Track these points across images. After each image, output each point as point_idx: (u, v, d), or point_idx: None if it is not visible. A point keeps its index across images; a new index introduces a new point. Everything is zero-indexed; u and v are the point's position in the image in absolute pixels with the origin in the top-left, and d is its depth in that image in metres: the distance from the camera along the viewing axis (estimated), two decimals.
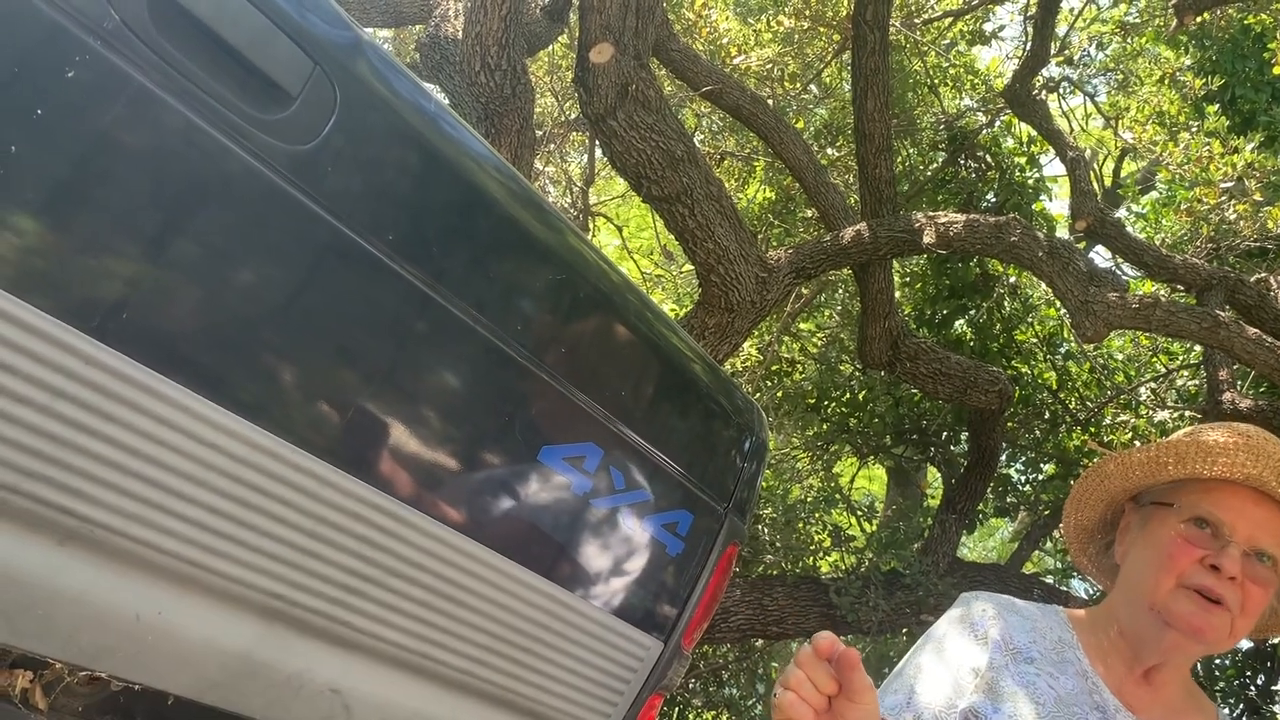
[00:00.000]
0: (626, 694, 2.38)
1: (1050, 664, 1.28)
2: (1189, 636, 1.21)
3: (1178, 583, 1.21)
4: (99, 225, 1.45)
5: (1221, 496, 1.23)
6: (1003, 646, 1.30)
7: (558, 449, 2.14)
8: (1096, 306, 4.28)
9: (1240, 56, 7.53)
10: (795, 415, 7.52)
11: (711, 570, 2.51)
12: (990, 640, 1.31)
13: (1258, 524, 1.21)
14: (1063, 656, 1.30)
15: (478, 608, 2.02)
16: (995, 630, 1.32)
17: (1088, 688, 1.26)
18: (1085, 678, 1.28)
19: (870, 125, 5.09)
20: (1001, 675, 1.26)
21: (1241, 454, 1.22)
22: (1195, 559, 1.21)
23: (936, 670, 1.31)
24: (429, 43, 5.02)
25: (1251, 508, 1.22)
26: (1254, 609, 1.20)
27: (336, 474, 1.75)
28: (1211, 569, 1.19)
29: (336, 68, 1.69)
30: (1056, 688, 1.25)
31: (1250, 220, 5.49)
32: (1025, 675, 1.26)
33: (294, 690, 1.78)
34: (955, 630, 1.35)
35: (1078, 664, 1.29)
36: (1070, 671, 1.28)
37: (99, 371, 1.45)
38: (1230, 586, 1.18)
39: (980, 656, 1.29)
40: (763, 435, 2.71)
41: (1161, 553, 1.24)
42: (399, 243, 1.78)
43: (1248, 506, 1.22)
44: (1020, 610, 1.36)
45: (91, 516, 1.48)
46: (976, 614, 1.35)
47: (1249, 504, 1.22)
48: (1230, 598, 1.18)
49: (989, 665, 1.28)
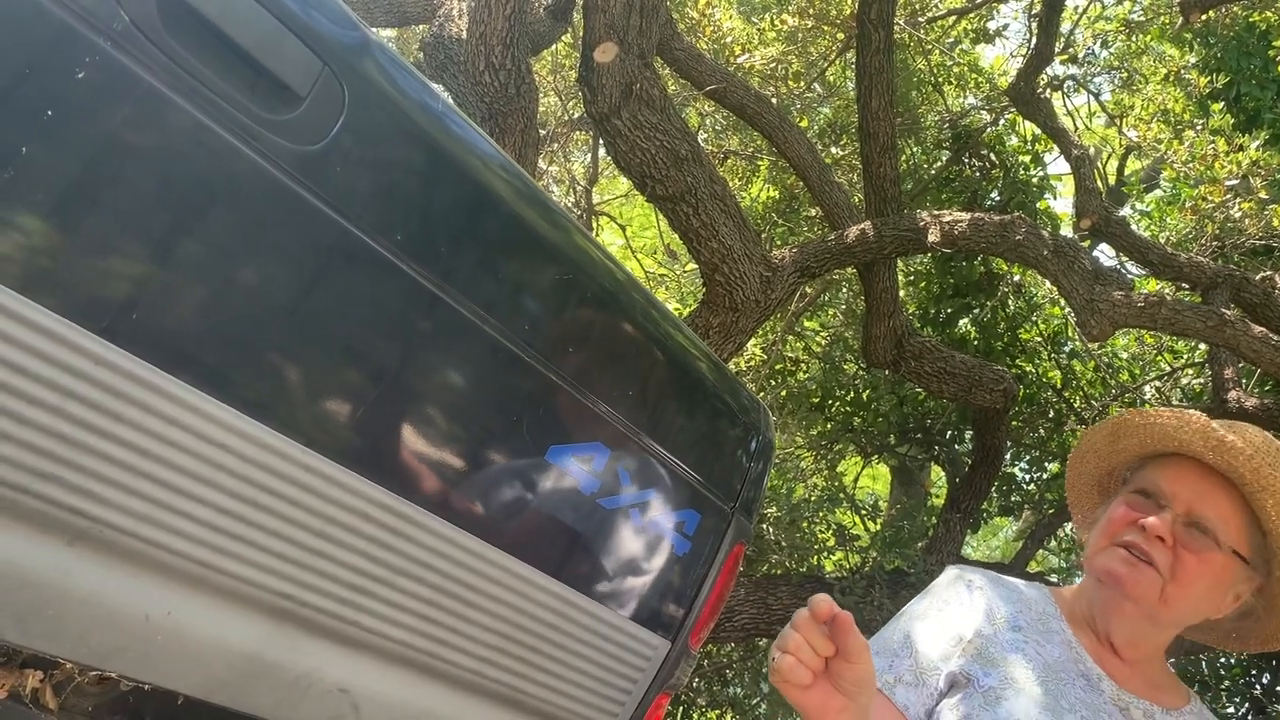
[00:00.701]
0: (634, 693, 2.38)
1: (1036, 633, 1.31)
2: (1113, 590, 1.26)
3: (1110, 542, 1.27)
4: (109, 226, 1.45)
5: (1167, 469, 1.29)
6: (990, 614, 1.33)
7: (566, 448, 2.14)
8: (1102, 305, 4.27)
9: (1245, 54, 7.52)
10: (799, 414, 7.51)
11: (718, 570, 2.51)
12: (977, 608, 1.34)
13: (1199, 495, 1.25)
14: (1048, 627, 1.33)
15: (486, 607, 2.02)
16: (982, 599, 1.35)
17: (1072, 656, 1.30)
18: (1070, 647, 1.31)
19: (874, 124, 5.08)
20: (990, 642, 1.29)
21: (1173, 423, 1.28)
22: (1129, 521, 1.26)
23: (922, 634, 1.33)
24: (433, 42, 5.02)
25: (1195, 480, 1.26)
26: (1187, 577, 1.22)
27: (345, 474, 1.75)
28: (1140, 528, 1.24)
29: (345, 68, 1.69)
30: (1044, 654, 1.28)
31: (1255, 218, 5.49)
32: (1014, 642, 1.29)
33: (303, 690, 1.79)
34: (942, 598, 1.38)
35: (1062, 634, 1.33)
36: (1056, 641, 1.31)
37: (108, 372, 1.45)
38: (1159, 547, 1.22)
39: (967, 623, 1.32)
40: (769, 434, 2.71)
41: (1104, 520, 1.31)
42: (407, 242, 1.78)
43: (1191, 479, 1.26)
44: (1006, 582, 1.40)
45: (101, 517, 1.48)
46: (964, 583, 1.39)
47: (1192, 476, 1.26)
48: (1160, 559, 1.22)
49: (977, 632, 1.30)
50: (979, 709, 1.21)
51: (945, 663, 1.28)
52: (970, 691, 1.24)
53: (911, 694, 1.27)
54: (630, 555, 2.32)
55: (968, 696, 1.24)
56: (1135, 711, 1.26)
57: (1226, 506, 1.24)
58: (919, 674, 1.28)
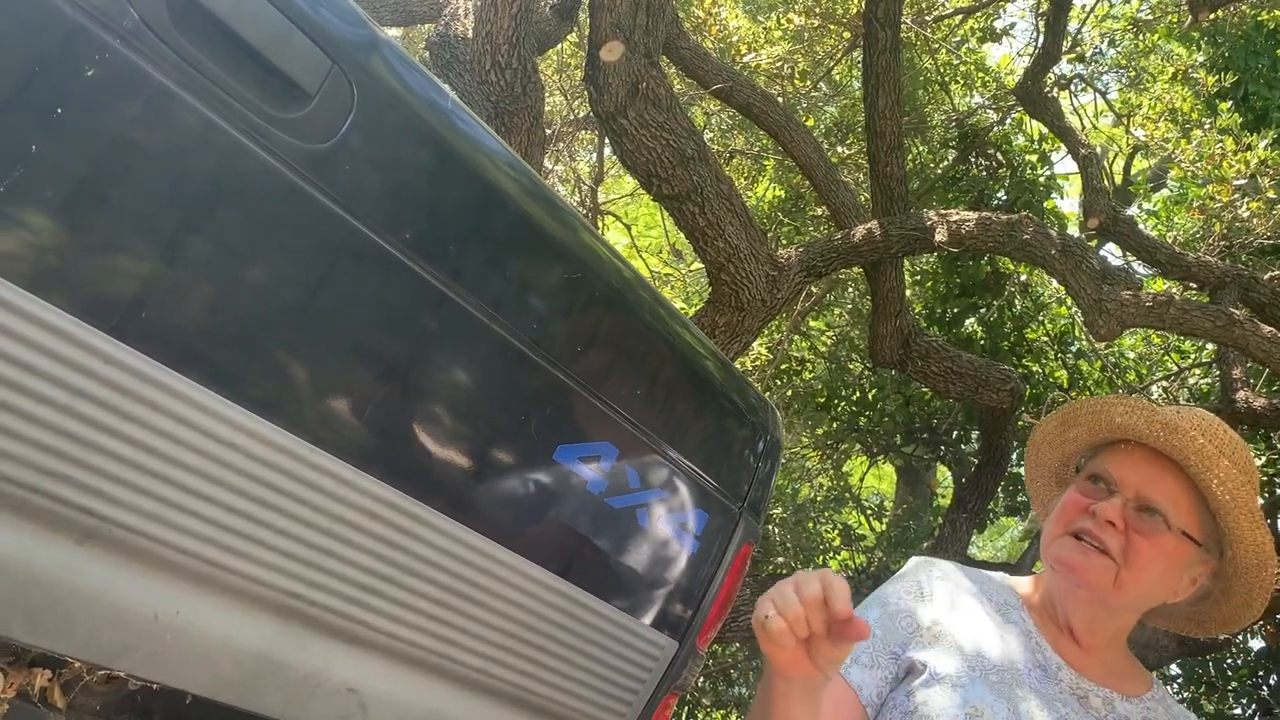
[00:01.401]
0: (641, 694, 2.37)
1: (995, 624, 1.32)
2: (1067, 578, 1.27)
3: (1063, 530, 1.28)
4: (118, 224, 1.44)
5: (1115, 455, 1.30)
6: (950, 604, 1.34)
7: (573, 448, 2.13)
8: (1110, 305, 4.26)
9: (1253, 53, 7.50)
10: (805, 414, 7.51)
11: (726, 570, 2.50)
12: (938, 596, 1.35)
13: (1147, 479, 1.25)
14: (1007, 618, 1.34)
15: (493, 606, 2.02)
16: (944, 587, 1.36)
17: (1031, 646, 1.31)
18: (1029, 637, 1.32)
19: (881, 123, 5.07)
20: (949, 631, 1.30)
21: (1120, 407, 1.29)
22: (1081, 508, 1.27)
23: (882, 619, 1.34)
24: (439, 41, 5.01)
25: (1143, 465, 1.27)
26: (1140, 561, 1.23)
27: (353, 472, 1.74)
28: (1091, 514, 1.24)
29: (354, 66, 1.69)
30: (1001, 645, 1.29)
31: (1263, 217, 5.47)
32: (973, 631, 1.30)
33: (311, 689, 1.78)
34: (905, 586, 1.39)
35: (1021, 624, 1.34)
36: (1014, 632, 1.32)
37: (118, 370, 1.45)
38: (1111, 533, 1.23)
39: (927, 611, 1.33)
40: (777, 434, 2.70)
41: (1057, 509, 1.32)
42: (416, 241, 1.78)
43: (1139, 463, 1.27)
44: (968, 573, 1.41)
45: (110, 516, 1.48)
46: (924, 574, 1.40)
47: (1140, 461, 1.27)
48: (1112, 545, 1.23)
49: (936, 620, 1.31)
50: (934, 696, 1.23)
51: (902, 649, 1.30)
52: (927, 679, 1.25)
53: (866, 675, 1.29)
54: (638, 555, 2.31)
55: (925, 684, 1.25)
56: (1094, 699, 1.27)
57: (1175, 488, 1.25)
58: (874, 656, 1.30)
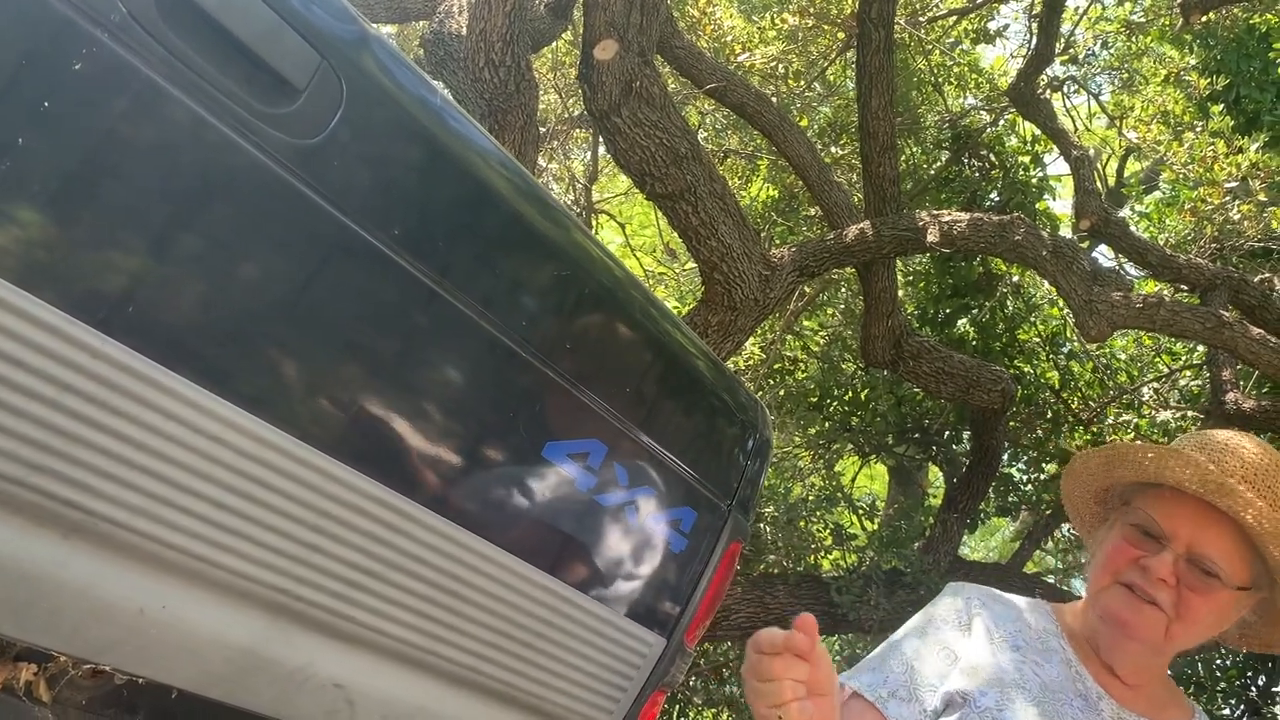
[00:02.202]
0: (629, 690, 2.38)
1: (1035, 652, 1.30)
2: (1117, 631, 1.25)
3: (1113, 580, 1.26)
4: (106, 219, 1.45)
5: (1168, 504, 1.24)
6: (988, 633, 1.32)
7: (562, 444, 2.14)
8: (1100, 306, 4.28)
9: (1245, 56, 7.52)
10: (797, 414, 7.51)
11: (715, 568, 2.51)
12: (975, 627, 1.33)
13: (1198, 531, 1.21)
14: (1047, 645, 1.32)
15: (481, 603, 2.02)
16: (980, 618, 1.34)
17: (1071, 675, 1.29)
18: (1069, 665, 1.30)
19: (874, 123, 5.08)
20: (988, 662, 1.28)
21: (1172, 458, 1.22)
22: (1131, 559, 1.24)
23: (920, 651, 1.33)
24: (433, 39, 5.01)
25: (1194, 516, 1.22)
26: (1193, 616, 1.20)
27: (341, 469, 1.75)
28: (1142, 569, 1.22)
29: (343, 62, 1.69)
30: (1041, 675, 1.27)
31: (1254, 220, 5.49)
32: (1012, 661, 1.28)
33: (298, 685, 1.78)
34: (941, 615, 1.37)
35: (1062, 653, 1.32)
36: (1055, 660, 1.30)
37: (105, 365, 1.45)
38: (1162, 589, 1.20)
39: (964, 642, 1.32)
40: (766, 433, 2.71)
41: (1105, 553, 1.29)
42: (405, 237, 1.78)
43: (1192, 515, 1.22)
44: (1006, 600, 1.39)
45: (97, 510, 1.48)
46: (962, 601, 1.38)
47: (1194, 513, 1.22)
48: (1163, 600, 1.20)
49: (974, 651, 1.30)
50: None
51: (941, 681, 1.27)
52: (967, 712, 1.23)
53: (904, 709, 1.26)
54: (626, 552, 2.32)
55: (964, 717, 1.22)
56: None
57: (1229, 544, 1.20)
58: (913, 690, 1.27)
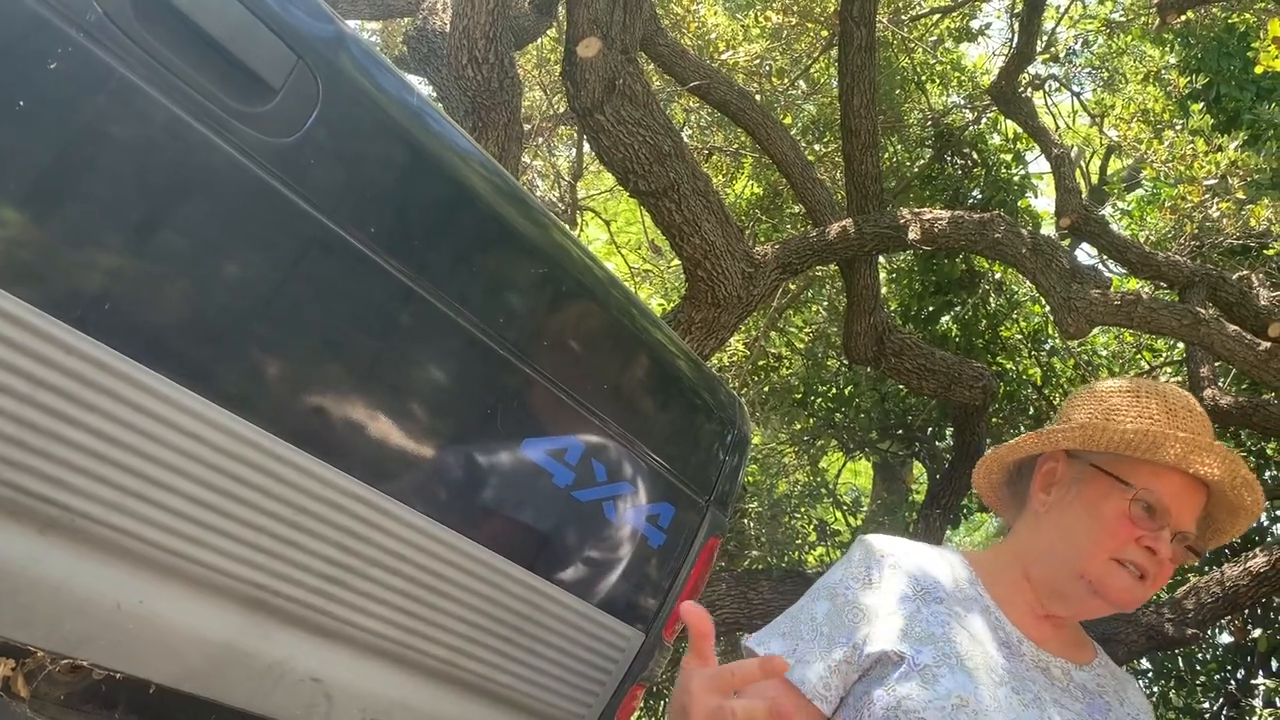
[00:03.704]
0: (608, 684, 2.39)
1: (956, 603, 1.29)
2: (1116, 607, 1.27)
3: (1112, 556, 1.25)
4: (81, 217, 1.45)
5: (1170, 483, 1.27)
6: (909, 588, 1.30)
7: (541, 441, 2.15)
8: (1079, 303, 4.31)
9: (1225, 55, 7.58)
10: (782, 410, 7.54)
11: (693, 562, 2.53)
12: (891, 583, 1.30)
13: (1189, 511, 1.27)
14: (965, 594, 1.31)
15: (460, 599, 2.04)
16: (899, 573, 1.31)
17: (992, 623, 1.29)
18: (989, 613, 1.30)
19: (856, 121, 5.10)
20: (916, 617, 1.26)
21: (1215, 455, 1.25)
22: (1134, 538, 1.25)
23: (829, 614, 1.30)
24: (416, 36, 5.02)
25: (1189, 495, 1.27)
26: (1163, 580, 1.27)
27: (318, 465, 1.76)
28: (1148, 550, 1.24)
29: (319, 61, 1.70)
30: (967, 626, 1.27)
31: (1233, 218, 5.53)
32: (938, 615, 1.26)
33: (275, 679, 1.80)
34: (852, 575, 1.33)
35: (980, 600, 1.31)
36: (975, 608, 1.30)
37: (80, 361, 1.46)
38: (1155, 563, 1.24)
39: (878, 601, 1.28)
40: (745, 429, 2.73)
41: (1104, 527, 1.27)
42: (381, 236, 1.79)
43: (1188, 494, 1.27)
44: (919, 551, 1.37)
45: (73, 505, 1.49)
46: (875, 556, 1.34)
47: (1190, 492, 1.27)
48: (1152, 573, 1.25)
49: (900, 608, 1.27)
50: (917, 689, 1.19)
51: (859, 641, 1.25)
52: (906, 670, 1.21)
53: (809, 672, 1.24)
54: (604, 547, 2.33)
55: (904, 676, 1.20)
56: (1055, 670, 1.28)
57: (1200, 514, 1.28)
58: (819, 652, 1.25)
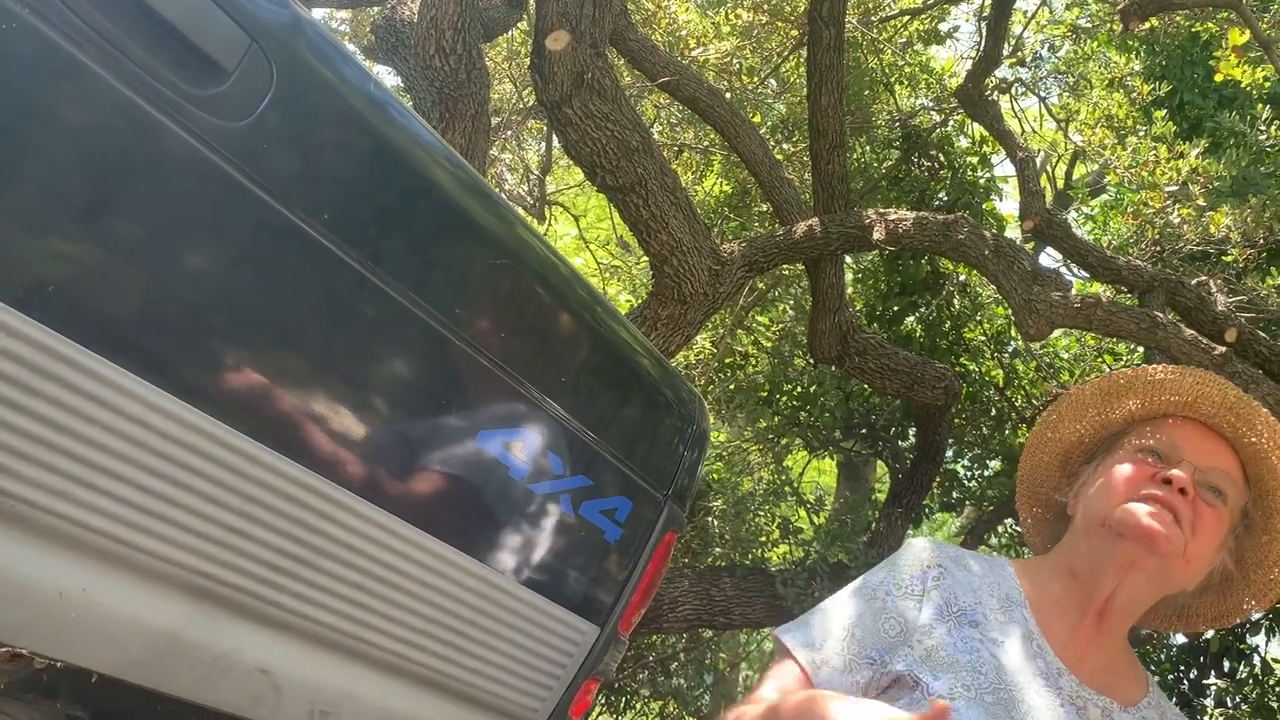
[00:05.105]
0: (562, 678, 2.39)
1: (995, 628, 1.23)
2: (1142, 543, 1.19)
3: (1127, 497, 1.22)
4: (25, 199, 1.43)
5: (1170, 427, 1.28)
6: (945, 609, 1.24)
7: (496, 433, 2.14)
8: (1039, 305, 4.35)
9: (1188, 63, 7.68)
10: (747, 408, 7.55)
11: (649, 557, 2.53)
12: (933, 598, 1.25)
13: (1205, 452, 1.25)
14: (1009, 617, 1.25)
15: (411, 590, 2.02)
16: (941, 588, 1.26)
17: (1031, 651, 1.22)
18: (1030, 640, 1.23)
19: (824, 121, 5.12)
20: (944, 642, 1.20)
21: (1190, 378, 1.28)
22: (1147, 475, 1.22)
23: (865, 616, 1.25)
24: (384, 25, 4.98)
25: (1199, 438, 1.26)
26: (1207, 533, 1.20)
27: (267, 453, 1.74)
28: (1164, 482, 1.20)
29: (274, 45, 1.68)
30: (1000, 654, 1.20)
31: (1193, 224, 5.60)
32: (968, 641, 1.21)
33: (222, 670, 1.78)
34: (896, 581, 1.28)
35: (1024, 624, 1.25)
36: (1016, 632, 1.23)
37: (25, 346, 1.43)
38: (1183, 501, 1.19)
39: (920, 616, 1.23)
40: (704, 425, 2.73)
41: (1114, 475, 1.26)
42: (335, 223, 1.77)
43: (1195, 437, 1.26)
44: (969, 565, 1.31)
45: (13, 491, 1.46)
46: (923, 565, 1.29)
47: (1196, 435, 1.26)
48: (1183, 512, 1.18)
49: (929, 629, 1.22)
50: None
51: (887, 654, 1.21)
52: (918, 697, 1.16)
53: (837, 679, 1.20)
54: (560, 541, 2.33)
55: (915, 702, 1.16)
56: (1093, 711, 1.20)
57: (1233, 465, 1.25)
58: (850, 661, 1.22)
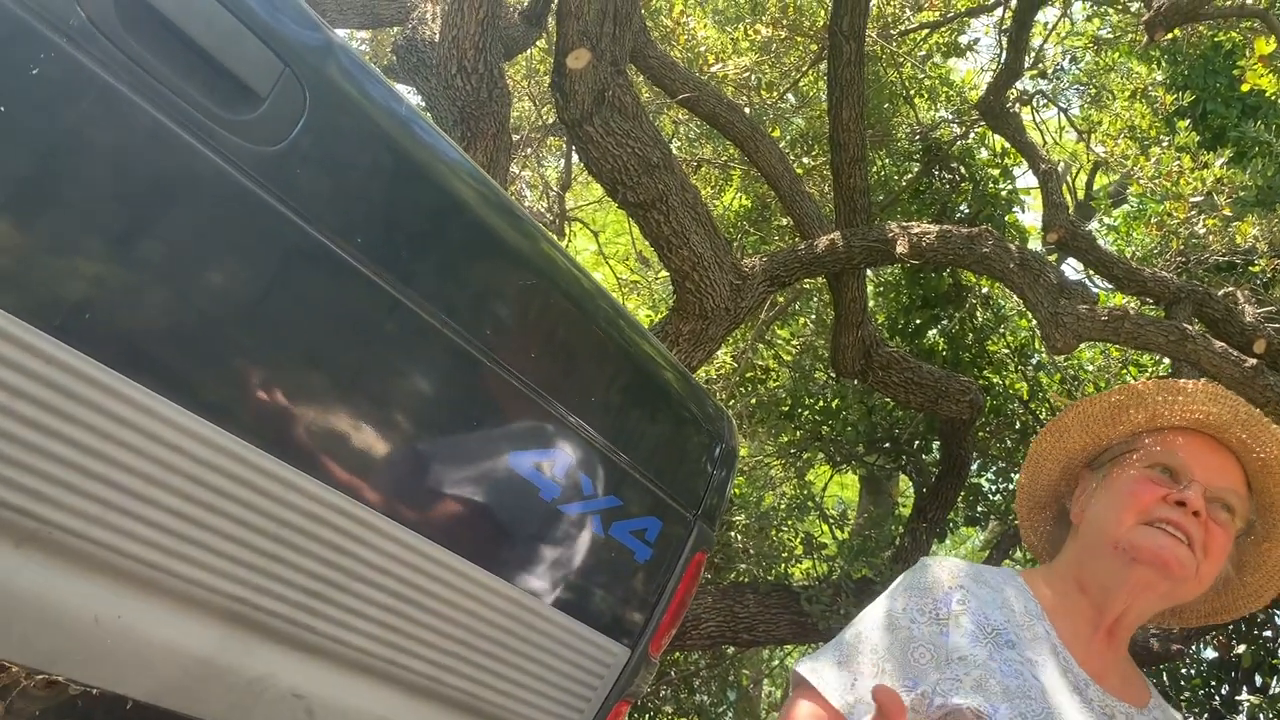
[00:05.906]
0: (594, 700, 2.37)
1: (1028, 645, 1.22)
2: (1156, 569, 1.19)
3: (1141, 519, 1.21)
4: (64, 225, 1.43)
5: (1180, 444, 1.25)
6: (979, 632, 1.22)
7: (527, 454, 2.13)
8: (1066, 318, 4.31)
9: (1211, 72, 7.64)
10: (769, 423, 7.53)
11: (680, 577, 2.51)
12: (962, 623, 1.22)
13: (1215, 470, 1.23)
14: (1035, 632, 1.24)
15: (444, 613, 2.01)
16: (968, 610, 1.24)
17: (1060, 665, 1.22)
18: (1057, 654, 1.23)
19: (845, 135, 5.12)
20: (990, 668, 1.18)
21: (1201, 395, 1.25)
22: (1159, 496, 1.21)
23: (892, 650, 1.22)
24: (405, 45, 5.00)
25: (1208, 455, 1.24)
26: (1217, 552, 1.21)
27: (302, 477, 1.73)
28: (1177, 505, 1.19)
29: (306, 69, 1.68)
30: (1041, 676, 1.20)
31: (1219, 235, 5.56)
32: (1012, 665, 1.19)
33: (256, 695, 1.77)
34: (916, 607, 1.25)
35: (1048, 638, 1.24)
36: (1044, 649, 1.23)
37: (60, 371, 1.43)
38: (1195, 523, 1.18)
39: (947, 640, 1.21)
40: (732, 442, 2.72)
41: (1124, 492, 1.24)
42: (368, 246, 1.77)
43: (1204, 453, 1.24)
44: (986, 580, 1.30)
45: (50, 518, 1.46)
46: (942, 589, 1.26)
47: (1206, 451, 1.24)
48: (1195, 535, 1.18)
49: (972, 654, 1.19)
50: None
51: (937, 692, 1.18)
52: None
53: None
54: (590, 562, 2.31)
55: None
56: (1120, 718, 1.21)
57: (1240, 480, 1.24)
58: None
